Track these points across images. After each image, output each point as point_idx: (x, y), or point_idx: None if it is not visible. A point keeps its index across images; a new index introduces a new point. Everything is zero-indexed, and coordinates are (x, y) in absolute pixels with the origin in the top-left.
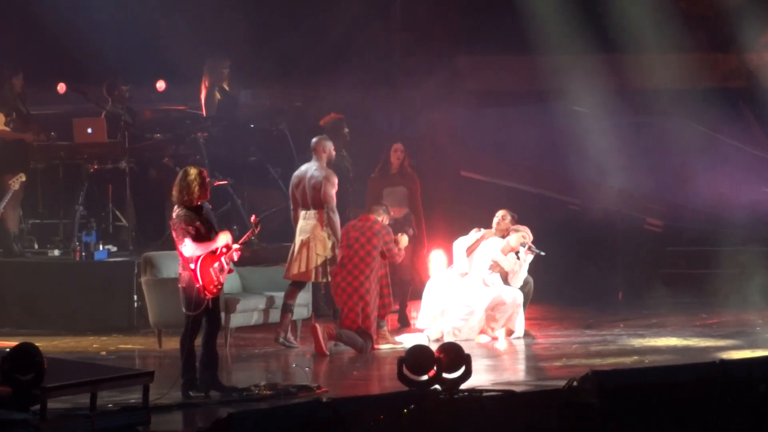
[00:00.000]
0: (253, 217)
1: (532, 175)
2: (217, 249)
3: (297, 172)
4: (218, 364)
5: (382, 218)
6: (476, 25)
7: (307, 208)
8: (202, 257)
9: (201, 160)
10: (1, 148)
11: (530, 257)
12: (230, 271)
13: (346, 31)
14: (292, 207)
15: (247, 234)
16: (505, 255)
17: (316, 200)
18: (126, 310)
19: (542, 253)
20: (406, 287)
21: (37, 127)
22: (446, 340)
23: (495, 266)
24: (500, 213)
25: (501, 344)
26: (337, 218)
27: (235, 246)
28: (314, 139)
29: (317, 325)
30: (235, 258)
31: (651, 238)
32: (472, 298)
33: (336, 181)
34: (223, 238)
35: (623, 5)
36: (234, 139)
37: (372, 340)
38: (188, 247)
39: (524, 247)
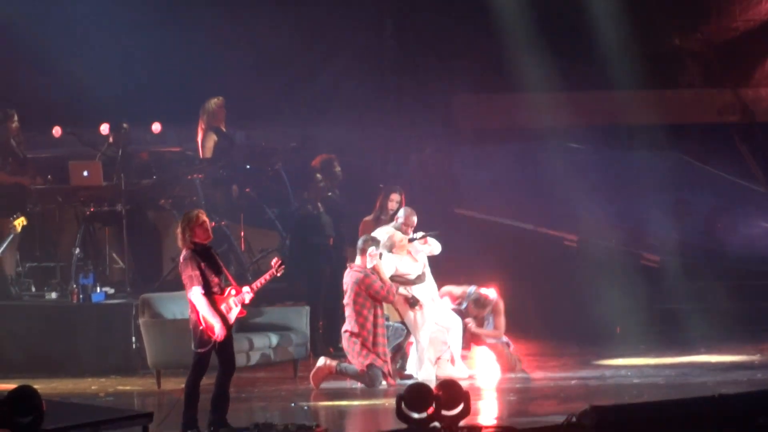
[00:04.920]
0: (275, 260)
1: (527, 212)
2: (225, 290)
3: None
4: (228, 406)
5: (363, 259)
6: (471, 64)
7: None
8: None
9: (197, 202)
10: None
11: (431, 240)
12: (243, 313)
13: (341, 70)
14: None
15: (266, 275)
16: (400, 252)
17: None
18: (124, 352)
19: (436, 232)
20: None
21: (34, 171)
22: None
23: (403, 279)
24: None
25: (498, 380)
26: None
27: (246, 289)
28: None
29: (322, 360)
30: (247, 301)
31: (648, 273)
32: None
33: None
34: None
35: (618, 42)
36: (230, 180)
37: (383, 375)
38: (195, 295)
39: (415, 239)
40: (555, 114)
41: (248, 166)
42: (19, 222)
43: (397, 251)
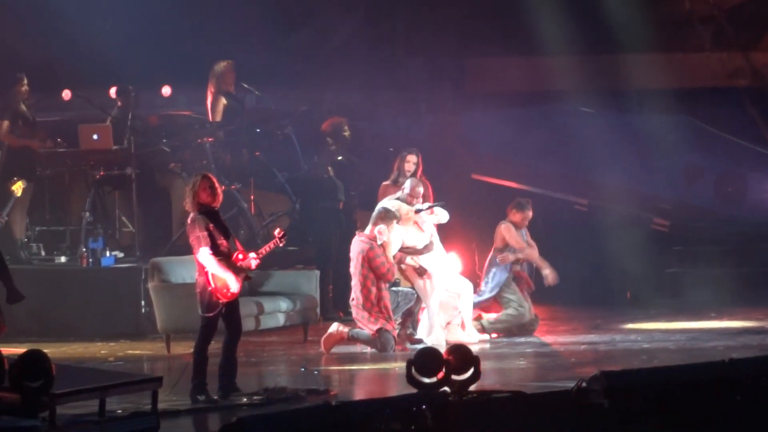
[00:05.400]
0: (277, 230)
1: (539, 177)
2: (233, 255)
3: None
4: (236, 371)
5: (372, 229)
6: (482, 26)
7: None
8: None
9: (207, 165)
10: (7, 155)
11: (437, 210)
12: (248, 278)
13: (351, 33)
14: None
15: (269, 245)
16: (406, 223)
17: None
18: (134, 316)
19: (443, 202)
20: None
21: (43, 134)
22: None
23: (410, 249)
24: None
25: (508, 345)
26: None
27: (253, 255)
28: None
29: (334, 326)
30: (253, 266)
31: (658, 238)
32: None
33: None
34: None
35: (628, 5)
36: (240, 144)
37: (394, 339)
38: (203, 255)
39: (422, 210)
40: (566, 78)
41: (258, 130)
42: (18, 186)
43: (403, 223)
